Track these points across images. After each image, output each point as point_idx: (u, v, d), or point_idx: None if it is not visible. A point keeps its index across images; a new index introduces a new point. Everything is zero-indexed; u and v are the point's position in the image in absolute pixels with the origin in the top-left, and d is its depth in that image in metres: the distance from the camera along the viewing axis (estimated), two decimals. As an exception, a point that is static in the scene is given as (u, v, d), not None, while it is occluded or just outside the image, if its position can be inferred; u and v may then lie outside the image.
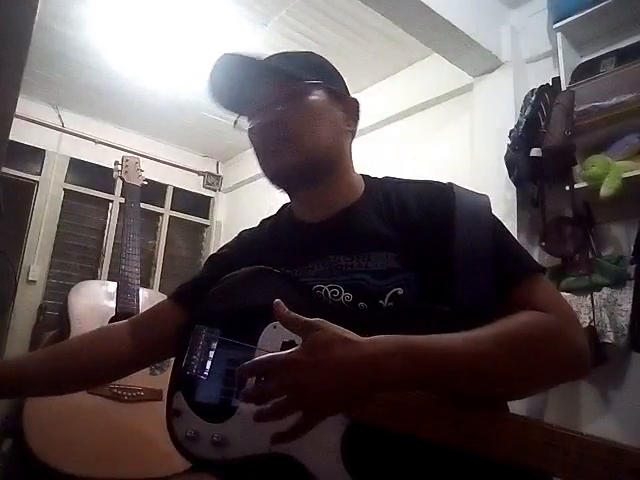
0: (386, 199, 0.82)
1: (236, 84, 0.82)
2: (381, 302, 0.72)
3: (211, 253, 0.99)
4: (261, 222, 0.98)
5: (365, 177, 0.89)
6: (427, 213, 0.76)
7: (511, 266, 0.72)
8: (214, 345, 0.75)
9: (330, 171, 0.83)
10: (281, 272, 0.80)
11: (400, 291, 0.71)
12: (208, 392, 0.73)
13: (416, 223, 0.76)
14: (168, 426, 0.74)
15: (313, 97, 0.81)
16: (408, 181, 0.85)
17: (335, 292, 0.76)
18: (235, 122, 0.88)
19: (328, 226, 0.83)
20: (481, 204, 0.78)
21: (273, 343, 0.70)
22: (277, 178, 0.84)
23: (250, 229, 0.99)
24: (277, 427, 0.63)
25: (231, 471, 0.68)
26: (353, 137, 0.88)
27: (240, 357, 0.71)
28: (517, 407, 0.66)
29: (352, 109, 0.87)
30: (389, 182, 0.87)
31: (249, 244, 0.93)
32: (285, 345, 0.68)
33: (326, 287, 0.76)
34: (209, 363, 0.74)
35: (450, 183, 0.81)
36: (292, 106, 0.79)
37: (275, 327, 0.71)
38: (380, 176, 0.90)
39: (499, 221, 0.78)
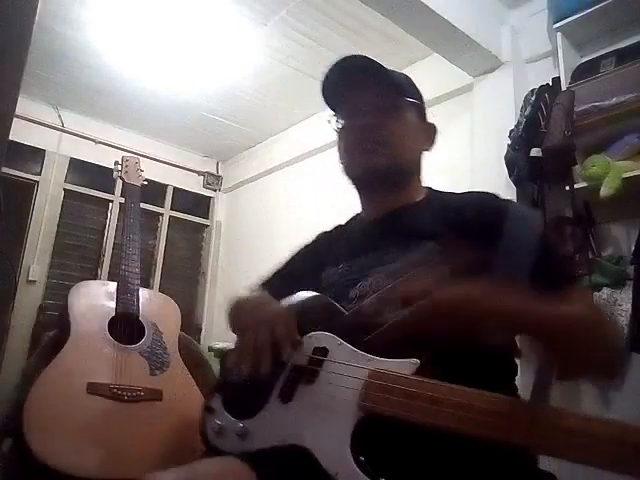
0: (443, 204, 0.89)
1: (350, 82, 0.91)
2: None
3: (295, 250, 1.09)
4: (337, 226, 1.08)
5: (429, 188, 0.99)
6: (478, 214, 0.82)
7: (554, 271, 0.78)
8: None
9: (407, 181, 0.94)
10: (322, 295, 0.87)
11: None
12: (242, 394, 0.80)
13: (466, 221, 0.81)
14: (200, 423, 0.83)
15: (412, 114, 0.94)
16: (470, 192, 0.94)
17: (379, 281, 0.81)
18: (330, 120, 0.96)
19: (382, 222, 0.92)
20: (531, 216, 0.87)
21: (307, 348, 0.77)
22: (360, 175, 0.93)
23: (338, 225, 1.08)
24: (296, 423, 0.70)
25: (254, 460, 0.71)
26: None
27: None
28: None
29: (431, 134, 0.99)
30: (451, 194, 0.95)
31: (321, 241, 1.06)
32: (317, 350, 0.76)
33: (371, 278, 0.82)
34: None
35: (509, 200, 0.91)
36: (394, 116, 0.91)
37: (310, 337, 0.77)
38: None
39: (545, 233, 0.85)
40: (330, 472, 0.63)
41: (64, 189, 3.52)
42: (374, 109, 0.90)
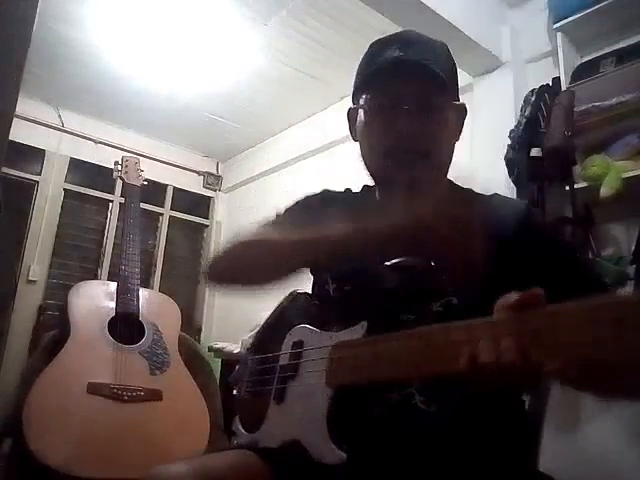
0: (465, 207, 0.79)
1: (401, 68, 0.77)
2: (431, 304, 0.72)
3: (297, 199, 0.96)
4: (347, 189, 0.96)
5: (449, 182, 0.88)
6: (505, 229, 0.72)
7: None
8: (249, 366, 0.86)
9: (437, 181, 0.83)
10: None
11: (454, 300, 0.71)
12: (251, 408, 0.82)
13: (492, 237, 0.72)
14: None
15: (448, 113, 0.80)
16: (492, 195, 0.84)
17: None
18: (357, 103, 0.84)
19: None
20: (554, 228, 0.80)
21: (287, 345, 0.79)
22: (390, 186, 0.82)
23: (334, 192, 0.95)
24: (290, 419, 0.72)
25: (266, 453, 0.73)
26: None
27: (267, 368, 0.81)
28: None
29: (464, 116, 0.85)
30: (472, 193, 0.86)
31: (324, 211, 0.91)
32: (294, 345, 0.77)
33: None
34: (247, 384, 0.85)
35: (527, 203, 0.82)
36: (440, 120, 0.78)
37: (290, 334, 0.80)
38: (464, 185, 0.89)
39: (571, 244, 0.80)
40: (315, 457, 0.64)
41: (64, 189, 3.51)
42: (419, 111, 0.76)
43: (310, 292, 0.87)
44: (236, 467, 0.68)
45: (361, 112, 0.83)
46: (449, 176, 0.87)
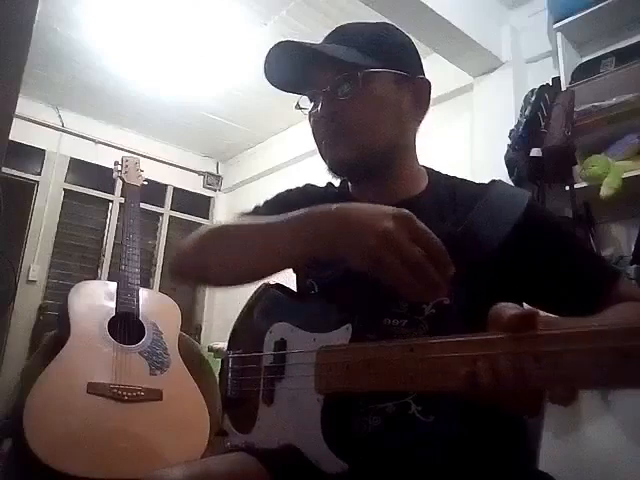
0: (451, 199, 0.76)
1: (293, 70, 0.80)
2: (424, 306, 0.68)
3: (279, 192, 0.95)
4: (328, 184, 0.91)
5: (429, 170, 0.84)
6: (501, 221, 0.69)
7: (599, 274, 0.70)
8: (232, 364, 0.83)
9: (390, 163, 0.78)
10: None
11: (446, 301, 0.67)
12: (238, 407, 0.80)
13: (482, 230, 0.68)
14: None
15: (373, 85, 0.75)
16: (477, 184, 0.80)
17: None
18: (297, 105, 0.85)
19: None
20: (555, 219, 0.77)
21: (268, 344, 0.76)
22: (333, 170, 0.79)
23: (316, 187, 0.93)
24: (281, 422, 0.70)
25: (264, 456, 0.71)
26: (421, 121, 0.82)
27: (251, 366, 0.78)
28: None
29: (422, 91, 0.81)
30: (456, 180, 0.82)
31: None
32: (276, 344, 0.74)
33: None
34: (232, 382, 0.82)
35: (527, 193, 0.77)
36: (349, 96, 0.74)
37: (270, 332, 0.77)
38: (445, 172, 0.85)
39: (573, 234, 0.79)
40: (313, 462, 0.63)
41: (64, 189, 3.52)
42: (326, 93, 0.76)
43: (282, 283, 0.82)
44: (236, 471, 0.68)
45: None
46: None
